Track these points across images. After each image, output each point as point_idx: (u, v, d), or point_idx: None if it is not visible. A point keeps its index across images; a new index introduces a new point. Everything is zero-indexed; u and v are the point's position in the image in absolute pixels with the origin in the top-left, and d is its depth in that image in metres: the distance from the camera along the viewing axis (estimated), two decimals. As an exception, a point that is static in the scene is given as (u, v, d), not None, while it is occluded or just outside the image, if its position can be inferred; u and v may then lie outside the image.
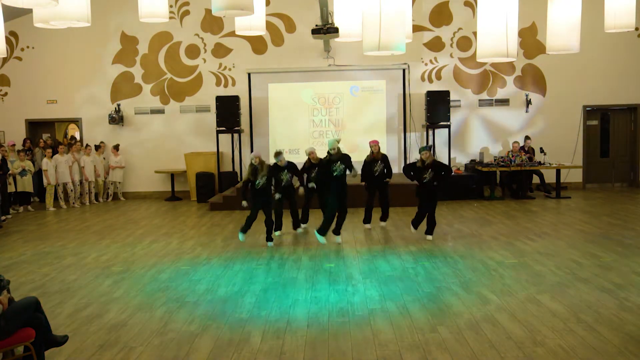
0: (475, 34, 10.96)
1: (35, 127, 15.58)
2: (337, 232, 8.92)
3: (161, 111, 15.01)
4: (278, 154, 9.23)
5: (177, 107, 14.97)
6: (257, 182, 8.66)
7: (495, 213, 11.44)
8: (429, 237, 8.95)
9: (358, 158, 13.81)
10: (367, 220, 10.08)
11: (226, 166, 14.73)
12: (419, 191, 8.97)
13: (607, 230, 9.43)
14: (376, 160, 9.80)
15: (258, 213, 8.84)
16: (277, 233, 9.53)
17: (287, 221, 9.79)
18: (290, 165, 9.45)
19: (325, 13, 10.90)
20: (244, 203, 8.93)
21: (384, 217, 10.12)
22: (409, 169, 9.12)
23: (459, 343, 4.85)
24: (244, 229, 8.84)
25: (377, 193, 9.95)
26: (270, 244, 8.84)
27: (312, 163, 9.57)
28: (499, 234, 9.38)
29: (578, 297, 5.98)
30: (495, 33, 5.99)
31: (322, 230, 8.63)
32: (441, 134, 14.50)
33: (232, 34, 14.09)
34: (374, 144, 9.82)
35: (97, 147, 14.52)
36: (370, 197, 9.99)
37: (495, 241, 8.81)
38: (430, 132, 14.44)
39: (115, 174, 14.65)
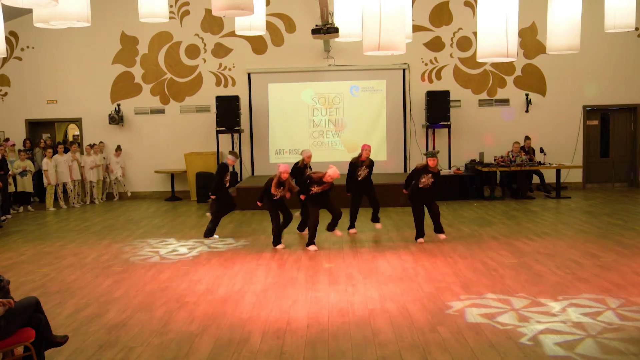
0: (475, 34, 10.97)
1: (35, 127, 15.59)
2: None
3: (161, 111, 15.01)
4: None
5: (177, 107, 14.97)
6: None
7: (495, 213, 11.44)
8: (443, 235, 8.84)
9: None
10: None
11: (226, 166, 14.69)
12: (417, 196, 8.78)
13: (607, 230, 9.43)
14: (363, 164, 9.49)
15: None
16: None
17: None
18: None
19: (325, 13, 10.92)
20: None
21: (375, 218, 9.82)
22: (412, 177, 8.81)
23: (459, 343, 4.85)
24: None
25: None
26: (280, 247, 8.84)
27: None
28: (499, 234, 9.38)
29: (578, 297, 5.98)
30: (495, 33, 5.99)
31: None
32: (441, 134, 14.51)
33: (232, 34, 14.09)
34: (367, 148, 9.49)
35: (92, 146, 14.49)
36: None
37: (495, 241, 8.81)
38: (430, 132, 14.45)
39: (116, 174, 14.68)
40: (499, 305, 5.80)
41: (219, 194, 9.50)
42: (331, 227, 9.03)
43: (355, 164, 9.53)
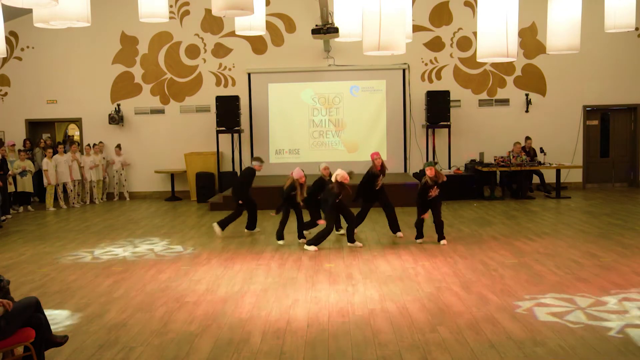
0: (475, 34, 10.96)
1: (35, 127, 15.59)
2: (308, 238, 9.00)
3: (161, 111, 15.02)
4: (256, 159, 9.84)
5: (177, 107, 14.97)
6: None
7: (495, 213, 11.44)
8: (444, 241, 8.73)
9: (358, 158, 13.94)
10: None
11: (226, 166, 14.73)
12: (426, 206, 8.76)
13: (607, 230, 9.43)
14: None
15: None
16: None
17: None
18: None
19: (325, 13, 10.92)
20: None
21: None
22: (423, 193, 8.74)
23: (459, 343, 4.85)
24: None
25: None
26: (281, 242, 9.03)
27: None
28: (499, 234, 9.38)
29: (578, 297, 5.98)
30: (495, 33, 5.99)
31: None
32: (441, 134, 14.51)
33: (232, 34, 14.09)
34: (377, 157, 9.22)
35: (93, 146, 14.51)
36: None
37: (495, 241, 8.81)
38: (430, 132, 14.45)
39: (119, 173, 14.72)
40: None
41: (245, 199, 9.65)
42: (351, 239, 8.77)
43: (374, 175, 9.16)
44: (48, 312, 5.07)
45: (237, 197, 9.70)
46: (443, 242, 8.69)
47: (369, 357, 4.64)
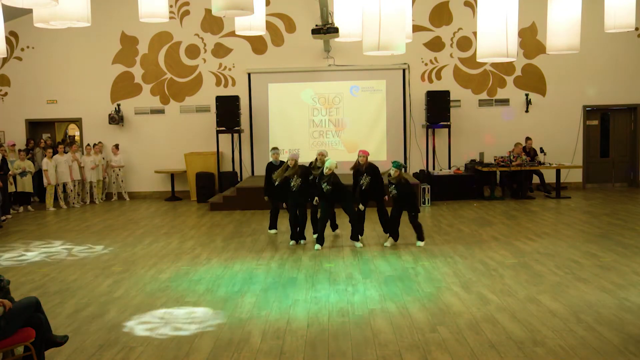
0: (475, 34, 10.96)
1: (35, 127, 15.59)
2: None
3: (161, 111, 15.01)
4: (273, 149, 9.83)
5: (177, 107, 14.97)
6: (292, 183, 8.87)
7: (495, 213, 11.44)
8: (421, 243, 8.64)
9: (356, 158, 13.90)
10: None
11: (226, 166, 14.73)
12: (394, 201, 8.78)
13: (607, 230, 9.43)
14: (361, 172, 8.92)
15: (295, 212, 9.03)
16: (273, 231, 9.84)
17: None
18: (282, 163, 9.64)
19: (325, 13, 10.92)
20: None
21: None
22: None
23: (459, 343, 4.86)
24: (292, 235, 9.02)
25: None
26: (291, 243, 8.97)
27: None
28: (499, 234, 9.38)
29: (578, 297, 5.98)
30: (495, 33, 5.98)
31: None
32: (441, 134, 14.51)
33: (232, 34, 14.09)
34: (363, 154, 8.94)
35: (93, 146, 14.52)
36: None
37: (495, 241, 8.81)
38: (430, 132, 14.45)
39: (116, 173, 14.71)
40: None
41: (270, 194, 9.56)
42: (354, 237, 8.76)
43: (354, 171, 9.05)
44: (48, 312, 5.06)
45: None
46: (420, 243, 8.59)
47: (369, 357, 4.64)
